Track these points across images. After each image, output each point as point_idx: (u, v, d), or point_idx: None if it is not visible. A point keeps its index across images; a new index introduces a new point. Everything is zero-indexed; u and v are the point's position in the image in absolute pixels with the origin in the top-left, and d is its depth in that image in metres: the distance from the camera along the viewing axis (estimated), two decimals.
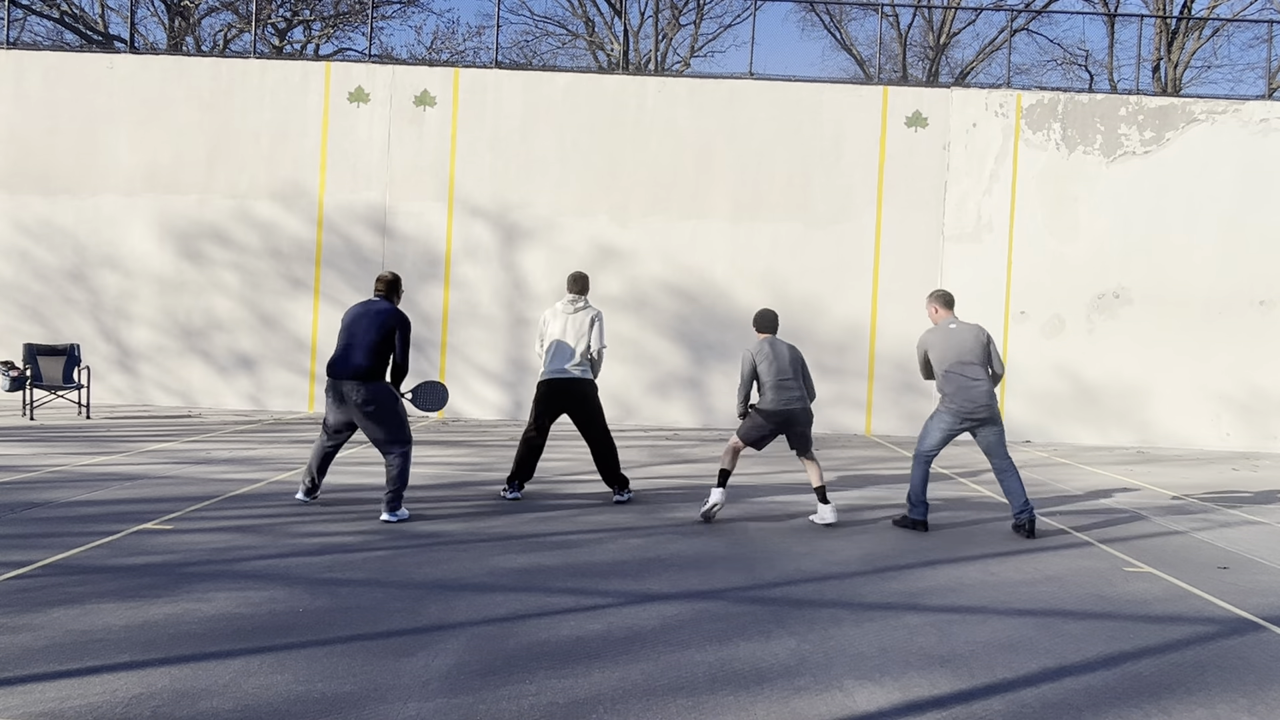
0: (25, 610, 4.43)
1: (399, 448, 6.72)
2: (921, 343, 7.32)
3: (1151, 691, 3.94)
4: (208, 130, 14.20)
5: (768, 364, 7.20)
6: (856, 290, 14.17)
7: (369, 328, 6.64)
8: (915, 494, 7.20)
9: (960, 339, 7.16)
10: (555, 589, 5.15)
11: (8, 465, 8.39)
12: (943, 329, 7.24)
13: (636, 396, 14.15)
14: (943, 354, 7.15)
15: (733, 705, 3.63)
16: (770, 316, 7.50)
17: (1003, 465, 7.13)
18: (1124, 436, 14.02)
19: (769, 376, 7.19)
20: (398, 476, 6.71)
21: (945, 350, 7.15)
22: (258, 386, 14.11)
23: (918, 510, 7.17)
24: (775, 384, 7.18)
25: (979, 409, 7.02)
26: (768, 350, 7.25)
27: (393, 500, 6.71)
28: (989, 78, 28.73)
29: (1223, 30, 26.08)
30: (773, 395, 7.19)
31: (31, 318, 14.12)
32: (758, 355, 7.24)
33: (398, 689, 3.68)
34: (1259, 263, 14.01)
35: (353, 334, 6.66)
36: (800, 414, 7.23)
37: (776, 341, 7.33)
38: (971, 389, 7.03)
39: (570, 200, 14.19)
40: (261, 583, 5.04)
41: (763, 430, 7.26)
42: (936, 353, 7.19)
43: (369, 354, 6.60)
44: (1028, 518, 6.99)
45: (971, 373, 7.05)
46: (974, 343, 7.12)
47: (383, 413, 6.65)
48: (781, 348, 7.30)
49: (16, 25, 22.39)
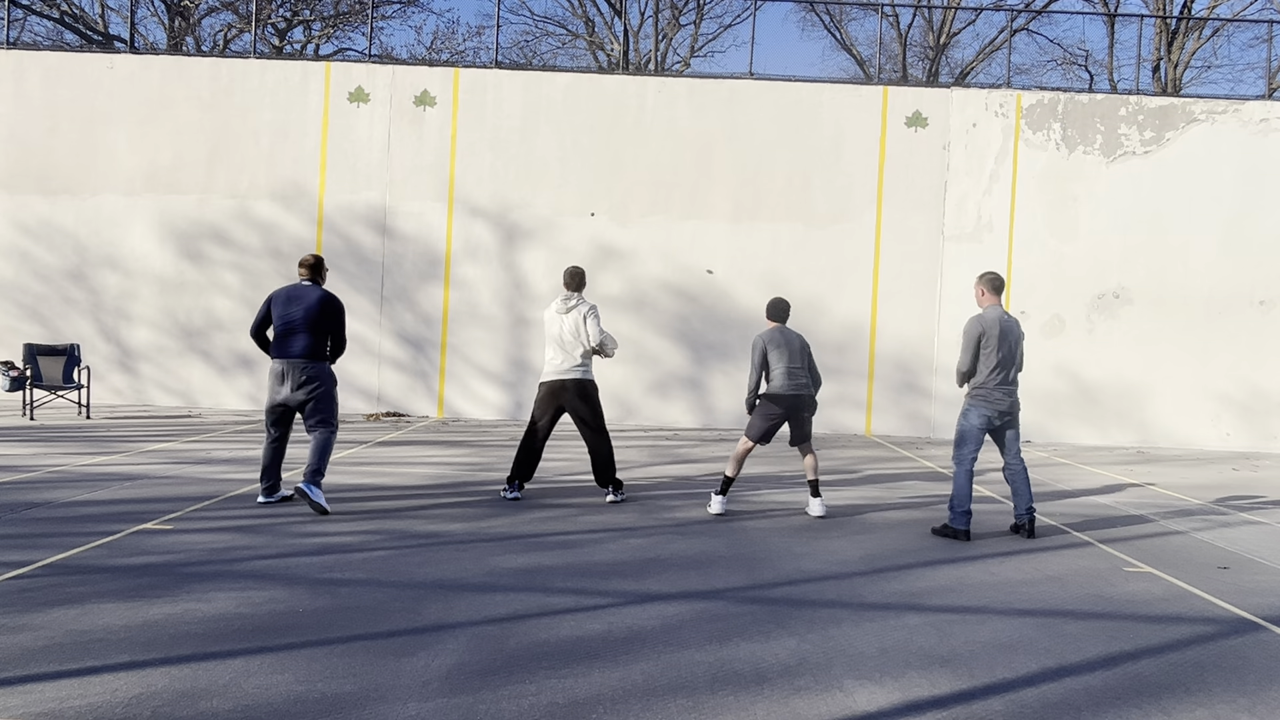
0: (25, 610, 4.43)
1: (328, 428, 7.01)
2: (974, 325, 6.79)
3: (1151, 691, 3.94)
4: (208, 130, 14.20)
5: (779, 352, 7.40)
6: (856, 290, 14.16)
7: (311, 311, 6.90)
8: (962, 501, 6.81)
9: (1015, 332, 6.84)
10: (555, 589, 5.15)
11: (8, 465, 8.39)
12: (997, 315, 6.80)
13: (637, 396, 14.15)
14: (998, 344, 6.74)
15: (733, 705, 3.63)
16: (783, 305, 7.63)
17: (1016, 465, 6.99)
18: (1124, 436, 14.02)
19: (779, 364, 7.39)
20: (323, 447, 6.94)
21: (1000, 340, 6.74)
22: (258, 386, 14.11)
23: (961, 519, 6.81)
24: (785, 371, 7.38)
25: (1014, 406, 6.87)
26: (779, 338, 7.44)
27: (316, 474, 6.84)
28: (989, 78, 28.75)
29: (1223, 30, 26.09)
30: (782, 381, 7.38)
31: (32, 318, 14.12)
32: (769, 343, 7.43)
33: (398, 689, 3.68)
34: (1259, 263, 14.01)
35: (292, 318, 6.89)
36: (808, 400, 7.47)
37: (787, 330, 7.53)
38: (1013, 388, 6.84)
39: (570, 200, 14.19)
40: (261, 583, 5.04)
41: (773, 417, 7.41)
42: (990, 340, 6.72)
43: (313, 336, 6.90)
44: (1029, 518, 6.93)
45: (1014, 374, 6.83)
46: (1019, 338, 6.88)
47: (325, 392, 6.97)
48: (792, 336, 7.49)
49: (16, 25, 22.39)
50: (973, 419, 6.86)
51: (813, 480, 7.51)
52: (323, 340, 6.96)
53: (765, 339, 7.45)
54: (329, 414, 7.02)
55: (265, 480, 7.15)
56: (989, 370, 6.77)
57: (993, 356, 6.75)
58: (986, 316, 6.81)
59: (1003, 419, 6.89)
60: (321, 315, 6.92)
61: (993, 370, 6.76)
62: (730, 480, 7.46)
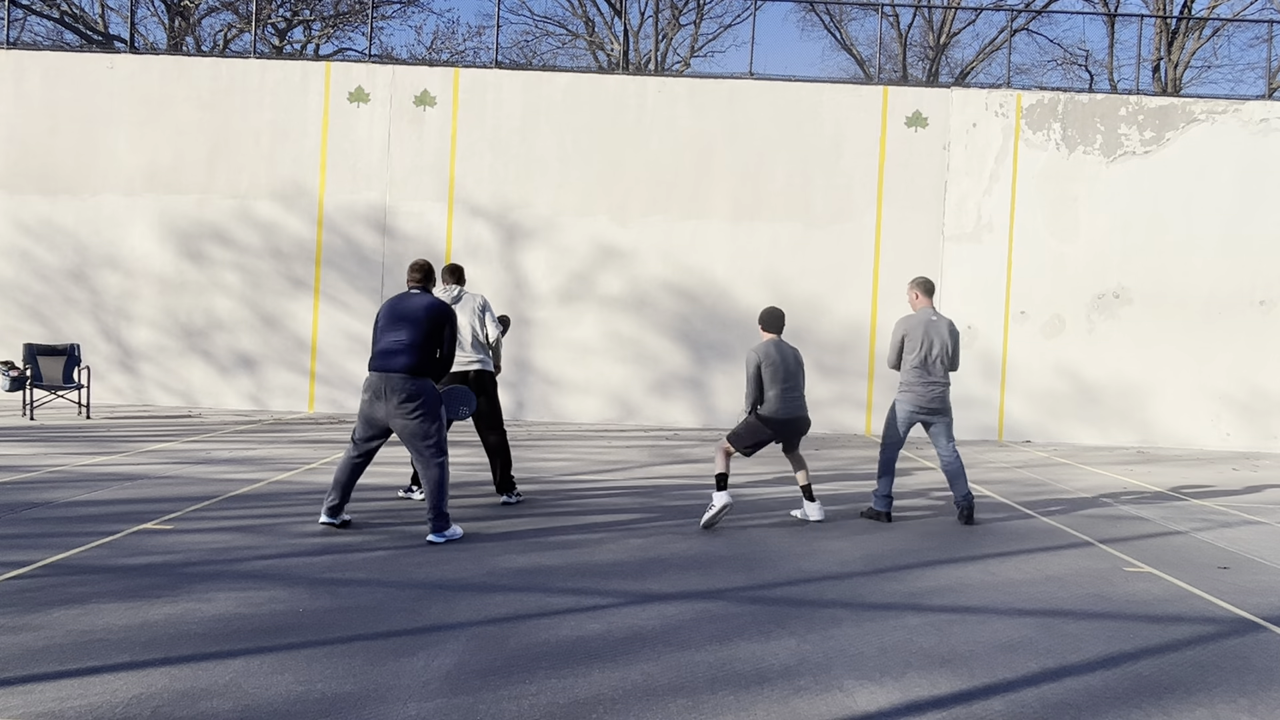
0: (25, 610, 4.43)
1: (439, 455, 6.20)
2: (899, 327, 7.44)
3: (1151, 691, 3.94)
4: (208, 130, 14.20)
5: (773, 369, 6.98)
6: (857, 290, 14.17)
7: (417, 320, 6.14)
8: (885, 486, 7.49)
9: (939, 332, 7.36)
10: (555, 589, 5.15)
11: (8, 465, 8.39)
12: (923, 317, 7.40)
13: (637, 396, 14.15)
14: (919, 343, 7.33)
15: (733, 705, 3.63)
16: (778, 315, 7.23)
17: (949, 457, 7.46)
18: (1124, 436, 14.02)
19: (774, 382, 6.98)
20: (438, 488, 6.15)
21: (923, 340, 7.33)
22: (258, 386, 14.11)
23: (883, 502, 7.44)
24: (781, 391, 7.00)
25: (935, 401, 7.37)
26: (774, 354, 7.02)
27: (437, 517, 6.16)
28: (989, 78, 28.74)
29: (1223, 30, 26.08)
30: (779, 404, 7.00)
31: (32, 318, 14.12)
32: (763, 359, 7.01)
33: (398, 689, 3.68)
34: (1259, 263, 14.01)
35: (398, 327, 6.15)
36: (804, 422, 7.15)
37: (783, 344, 7.11)
38: (936, 385, 7.34)
39: (570, 200, 14.19)
40: (262, 583, 5.04)
41: (761, 436, 7.06)
42: (912, 341, 7.34)
43: (418, 348, 6.12)
44: (966, 505, 7.35)
45: (938, 370, 7.34)
46: (950, 338, 7.37)
47: (428, 413, 6.16)
48: (788, 350, 7.10)
49: (16, 25, 22.38)
50: (898, 410, 7.45)
51: (805, 485, 7.25)
52: (428, 354, 6.17)
53: (760, 356, 7.01)
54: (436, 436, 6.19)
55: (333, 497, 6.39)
56: (911, 367, 7.36)
57: (915, 354, 7.32)
58: (912, 319, 7.40)
59: (930, 414, 7.40)
60: (431, 325, 6.15)
61: (915, 367, 7.34)
62: (725, 475, 6.98)
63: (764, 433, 7.05)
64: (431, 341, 6.17)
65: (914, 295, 7.54)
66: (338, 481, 6.37)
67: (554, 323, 14.15)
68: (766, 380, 7.01)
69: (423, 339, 6.13)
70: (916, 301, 7.52)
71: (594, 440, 12.02)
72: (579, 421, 14.09)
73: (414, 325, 6.14)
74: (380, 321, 6.28)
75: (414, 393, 6.06)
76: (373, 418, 6.18)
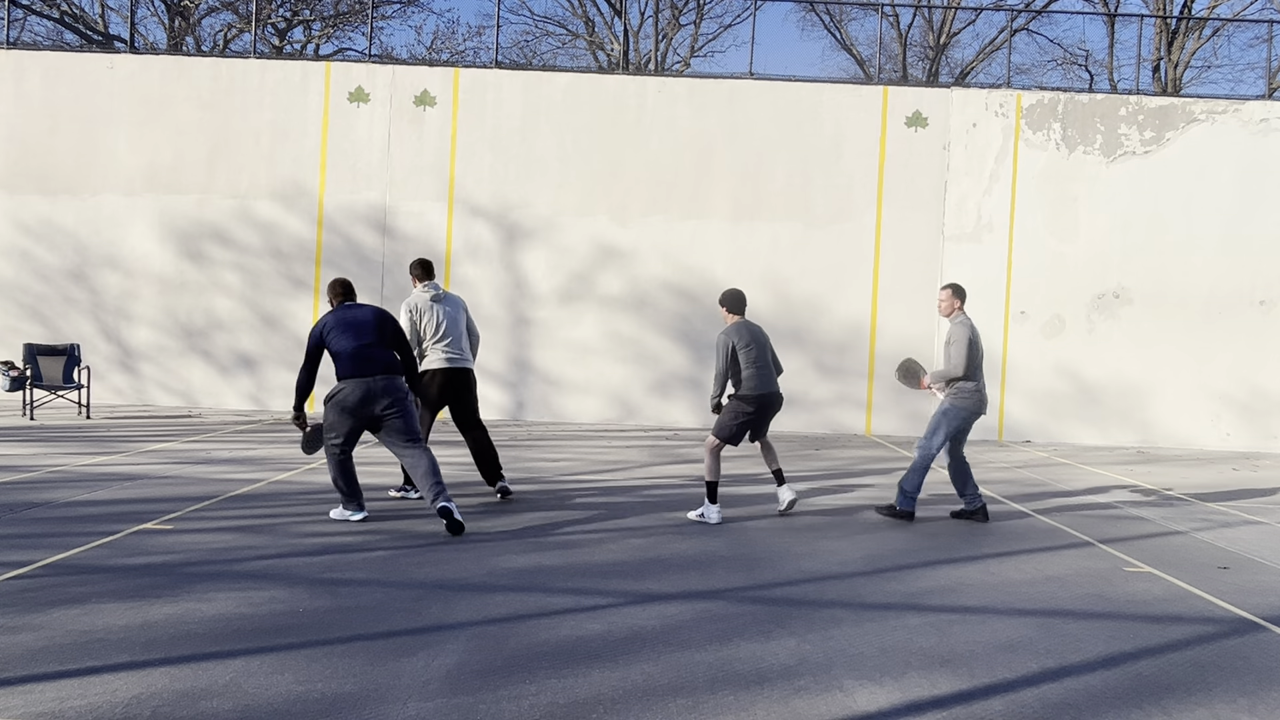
0: (25, 610, 4.43)
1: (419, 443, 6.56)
2: (970, 334, 7.29)
3: (1151, 691, 3.94)
4: (208, 130, 14.20)
5: (748, 350, 7.09)
6: (857, 290, 14.17)
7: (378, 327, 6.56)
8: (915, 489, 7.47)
9: (758, 337, 7.34)
10: (555, 589, 5.15)
11: (8, 465, 8.39)
12: (972, 323, 7.42)
13: (638, 396, 14.16)
14: (980, 350, 7.37)
15: (733, 705, 3.63)
16: (741, 296, 7.32)
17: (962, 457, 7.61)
18: (1124, 436, 14.02)
19: (751, 364, 7.08)
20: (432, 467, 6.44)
21: (980, 346, 7.39)
22: (259, 386, 14.11)
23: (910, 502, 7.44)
24: (757, 371, 7.10)
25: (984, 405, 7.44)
26: (746, 335, 7.14)
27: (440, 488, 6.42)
28: (989, 78, 28.73)
29: (1223, 30, 26.09)
30: (755, 381, 7.10)
31: (32, 318, 14.12)
32: (737, 340, 7.09)
33: (398, 689, 3.68)
34: (1259, 263, 14.01)
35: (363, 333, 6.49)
36: (778, 397, 7.28)
37: (751, 324, 7.26)
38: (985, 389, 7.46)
39: (570, 200, 14.19)
40: (262, 583, 5.04)
41: (745, 418, 7.13)
42: (976, 347, 7.31)
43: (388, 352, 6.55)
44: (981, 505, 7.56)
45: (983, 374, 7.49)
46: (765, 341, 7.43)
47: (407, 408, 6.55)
48: (756, 330, 7.24)
49: (16, 25, 22.38)
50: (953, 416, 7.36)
51: (777, 470, 7.37)
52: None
53: (733, 337, 7.07)
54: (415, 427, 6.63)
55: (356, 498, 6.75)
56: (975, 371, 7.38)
57: (977, 359, 7.34)
58: (972, 325, 7.42)
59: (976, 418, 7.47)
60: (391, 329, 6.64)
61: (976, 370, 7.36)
62: (715, 485, 7.05)
63: (746, 411, 7.15)
64: (390, 345, 6.61)
65: (956, 302, 7.44)
66: (347, 481, 6.66)
67: (554, 323, 14.15)
68: (744, 360, 7.09)
69: (388, 343, 6.59)
70: (956, 308, 7.44)
71: (594, 440, 12.02)
72: (579, 421, 14.09)
73: (375, 331, 6.55)
74: (331, 334, 6.51)
75: (400, 394, 6.51)
76: (359, 421, 6.50)
